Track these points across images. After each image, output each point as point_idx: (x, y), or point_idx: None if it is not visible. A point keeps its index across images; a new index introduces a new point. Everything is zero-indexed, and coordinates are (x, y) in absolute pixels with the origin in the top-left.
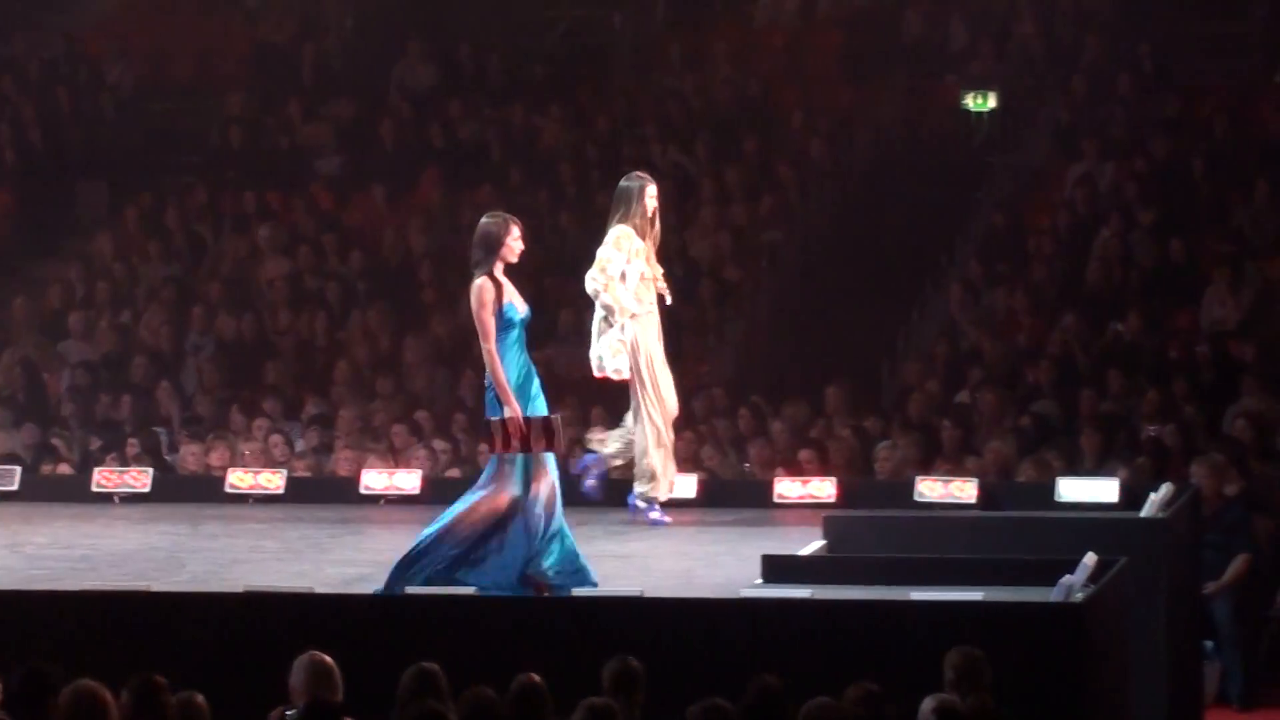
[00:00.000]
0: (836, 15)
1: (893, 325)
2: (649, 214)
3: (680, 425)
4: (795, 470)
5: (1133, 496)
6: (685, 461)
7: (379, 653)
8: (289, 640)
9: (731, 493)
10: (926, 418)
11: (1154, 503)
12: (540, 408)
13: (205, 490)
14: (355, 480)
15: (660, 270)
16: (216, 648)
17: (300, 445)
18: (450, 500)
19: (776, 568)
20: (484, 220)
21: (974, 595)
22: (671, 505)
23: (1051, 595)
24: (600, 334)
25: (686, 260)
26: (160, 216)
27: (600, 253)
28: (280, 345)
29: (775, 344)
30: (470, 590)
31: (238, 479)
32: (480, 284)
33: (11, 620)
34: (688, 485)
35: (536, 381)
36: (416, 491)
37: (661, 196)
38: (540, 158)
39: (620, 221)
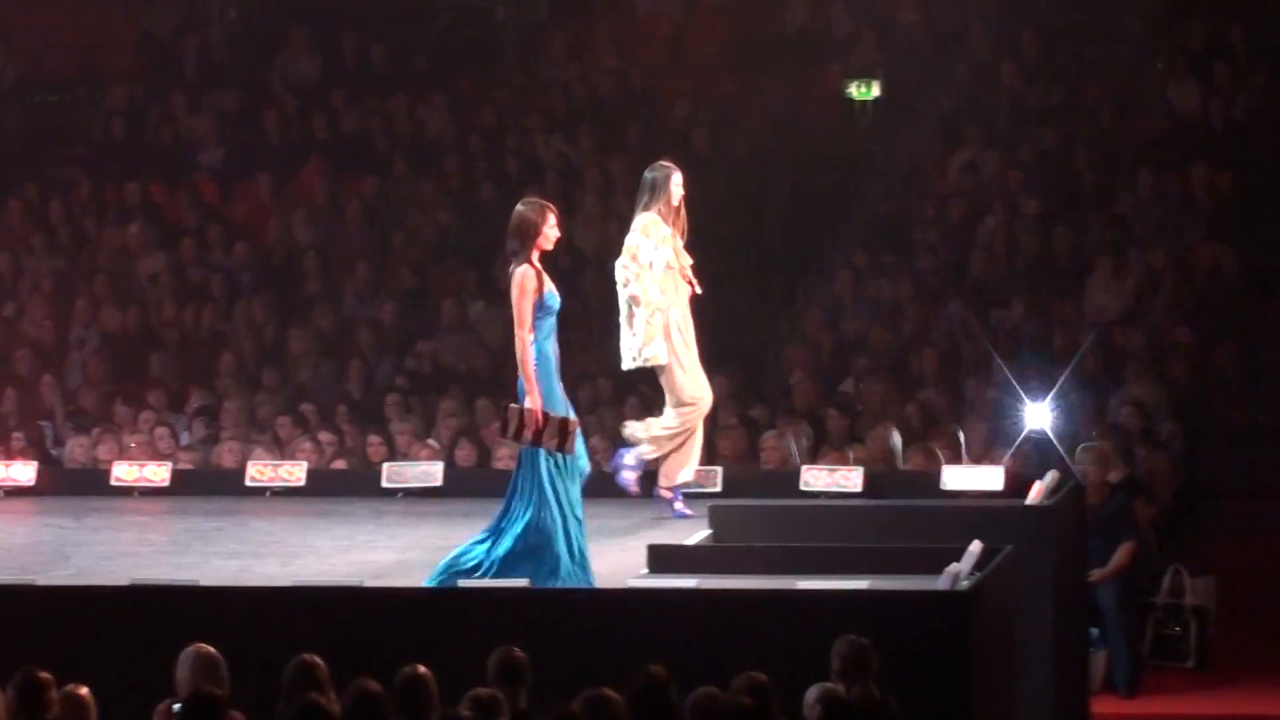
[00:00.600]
0: (720, 4)
1: (778, 314)
2: (675, 203)
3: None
4: None
5: (1018, 485)
6: None
7: (264, 645)
8: (175, 633)
9: (615, 482)
10: (812, 407)
11: (1039, 490)
12: (557, 404)
13: (90, 483)
14: (240, 472)
15: (689, 260)
16: (102, 641)
17: (185, 438)
18: (333, 493)
19: (662, 557)
20: (520, 207)
21: (860, 584)
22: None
23: (937, 584)
24: (629, 324)
25: (572, 251)
26: (44, 209)
27: (629, 240)
28: (165, 338)
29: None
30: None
31: (123, 472)
32: (522, 272)
33: None
34: None
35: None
36: (302, 483)
37: (545, 187)
38: (424, 149)
39: (645, 209)
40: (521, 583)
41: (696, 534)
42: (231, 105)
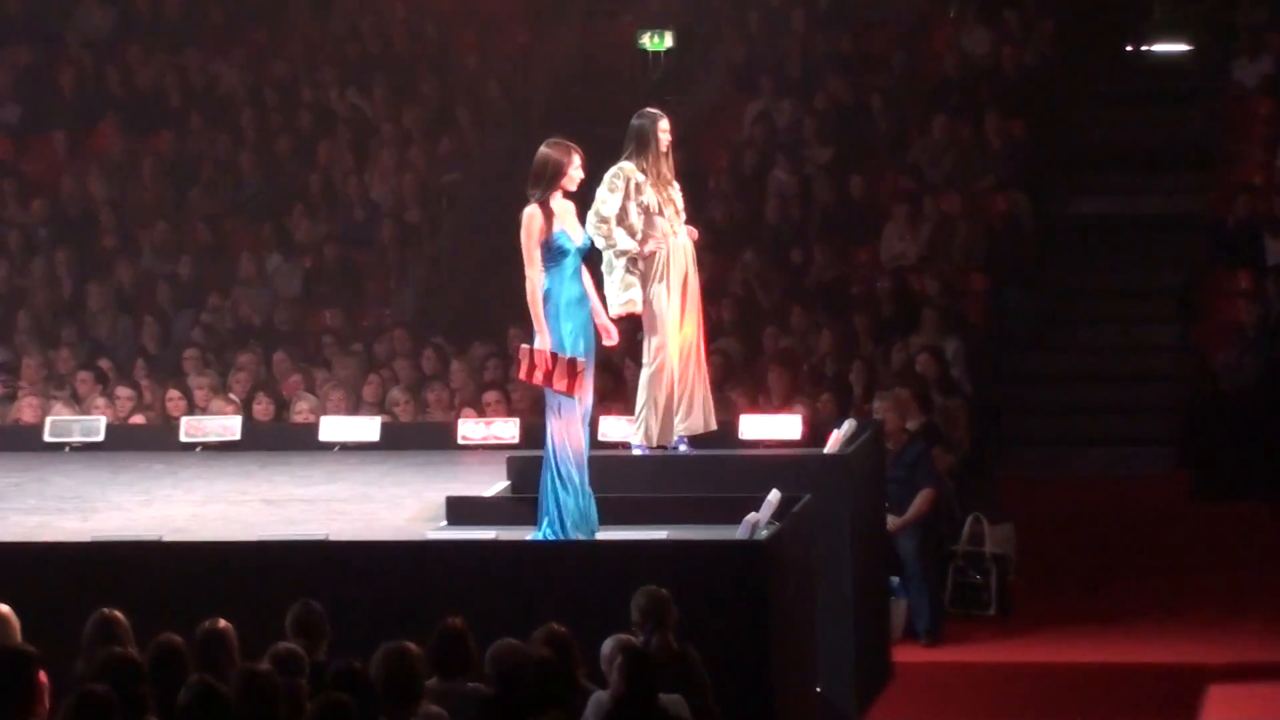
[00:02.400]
0: None
1: None
2: (663, 148)
3: (367, 367)
4: (478, 411)
5: (815, 433)
6: (371, 406)
7: (65, 601)
8: None
9: (414, 435)
10: (607, 357)
11: (837, 439)
12: (578, 346)
13: None
14: (39, 428)
15: (679, 202)
16: None
17: None
18: (132, 447)
19: (460, 509)
20: (544, 148)
21: (659, 534)
22: (358, 448)
23: (736, 533)
24: (609, 274)
25: (367, 203)
26: None
27: (596, 198)
28: None
29: (456, 285)
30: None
31: None
32: (530, 213)
33: None
34: (371, 429)
35: (584, 317)
36: (101, 438)
37: (340, 140)
38: (219, 103)
39: (627, 158)
40: (319, 535)
41: (494, 485)
42: (25, 61)
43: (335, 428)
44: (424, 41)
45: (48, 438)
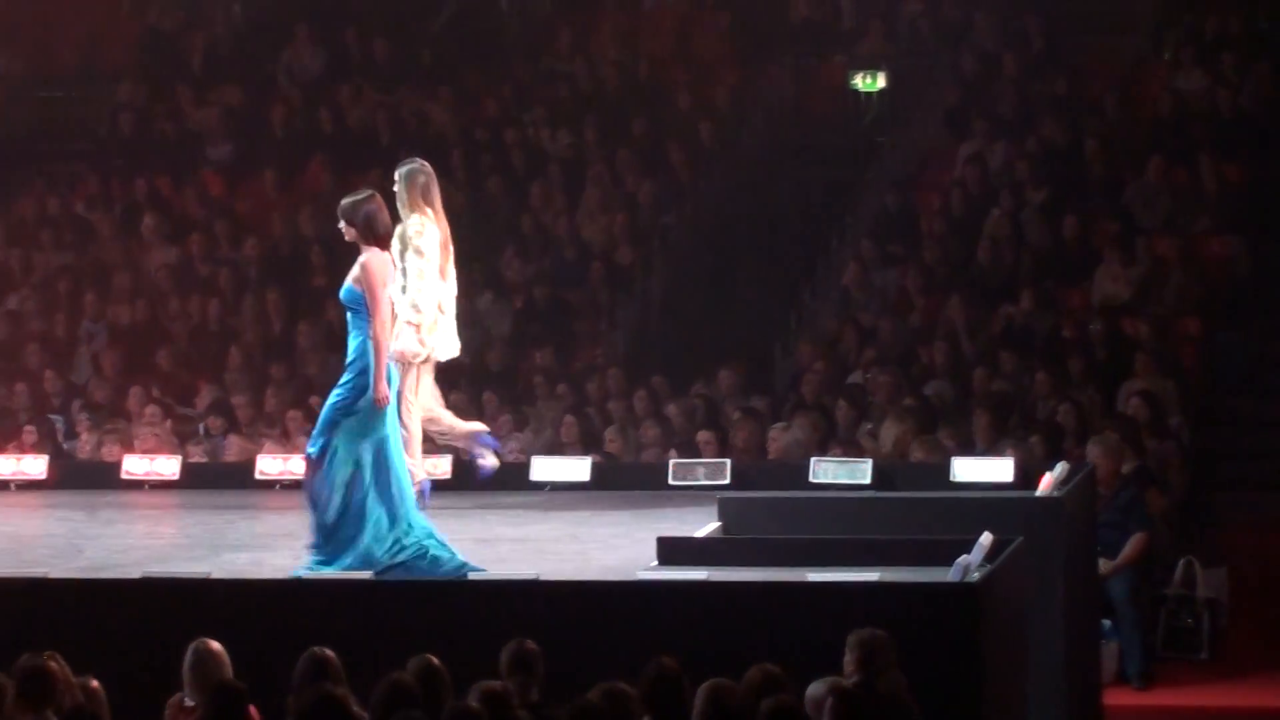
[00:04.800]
0: None
1: (785, 306)
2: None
3: (577, 407)
4: (690, 452)
5: (1027, 476)
6: (581, 446)
7: (275, 638)
8: (186, 626)
9: (625, 475)
10: (820, 398)
11: (1050, 481)
12: None
13: (101, 477)
14: (250, 466)
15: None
16: (114, 634)
17: (198, 431)
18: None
19: (672, 550)
20: (369, 202)
21: (870, 576)
22: (568, 488)
23: (948, 576)
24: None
25: (578, 243)
26: (51, 204)
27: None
28: (173, 332)
29: (668, 326)
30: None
31: (134, 465)
32: (385, 259)
33: None
34: (582, 468)
35: None
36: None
37: (551, 180)
38: (429, 142)
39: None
40: (530, 575)
41: (705, 526)
42: (236, 100)
43: (546, 467)
44: (636, 81)
45: (258, 475)
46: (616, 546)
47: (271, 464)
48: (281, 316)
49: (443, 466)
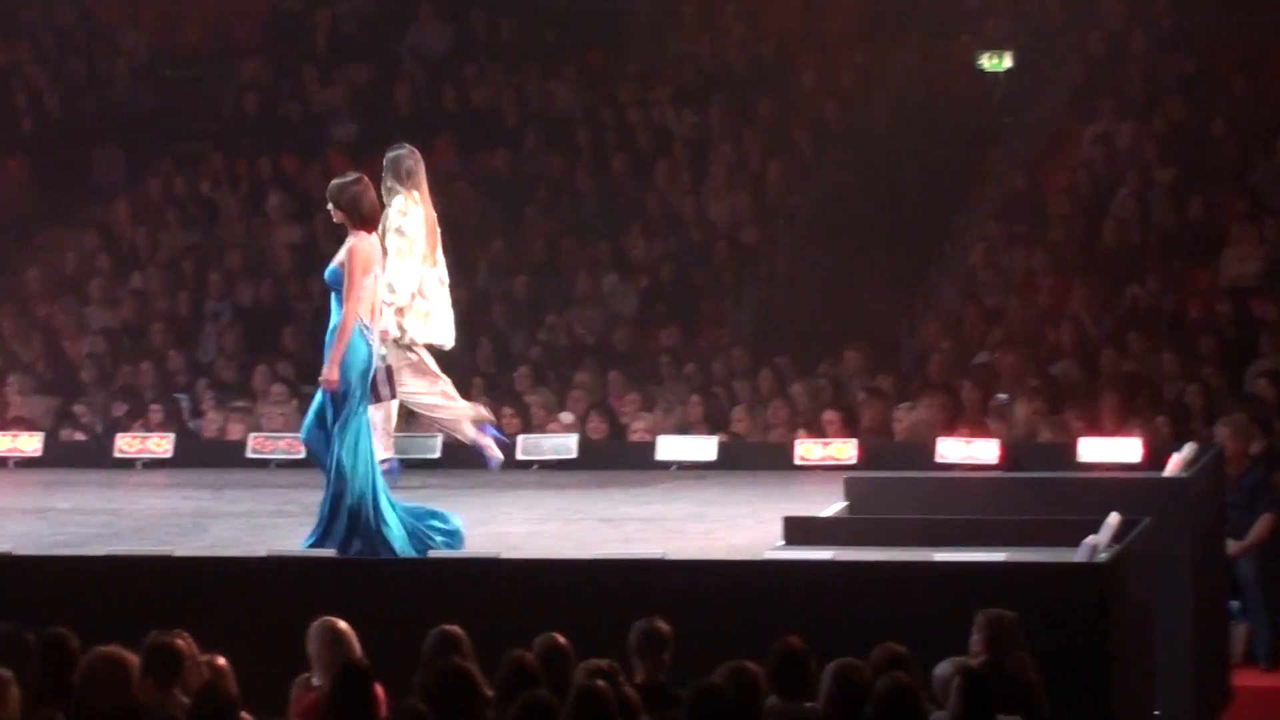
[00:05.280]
0: None
1: (911, 286)
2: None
3: (703, 387)
4: (816, 432)
5: (1155, 457)
6: (707, 425)
7: (403, 617)
8: (313, 604)
9: (752, 455)
10: (946, 378)
11: (1178, 462)
12: None
13: (227, 455)
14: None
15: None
16: (240, 612)
17: None
18: (468, 466)
19: (798, 529)
20: (357, 184)
21: (997, 556)
22: (694, 467)
23: (1075, 556)
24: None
25: (704, 223)
26: (177, 183)
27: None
28: (297, 311)
29: (793, 306)
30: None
31: (259, 444)
32: (373, 242)
33: (35, 585)
34: (708, 448)
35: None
36: (438, 456)
37: (677, 160)
38: (554, 121)
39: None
40: (656, 554)
41: (832, 506)
42: (362, 79)
43: (672, 447)
44: (762, 61)
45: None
46: (743, 526)
47: (402, 443)
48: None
49: (569, 446)
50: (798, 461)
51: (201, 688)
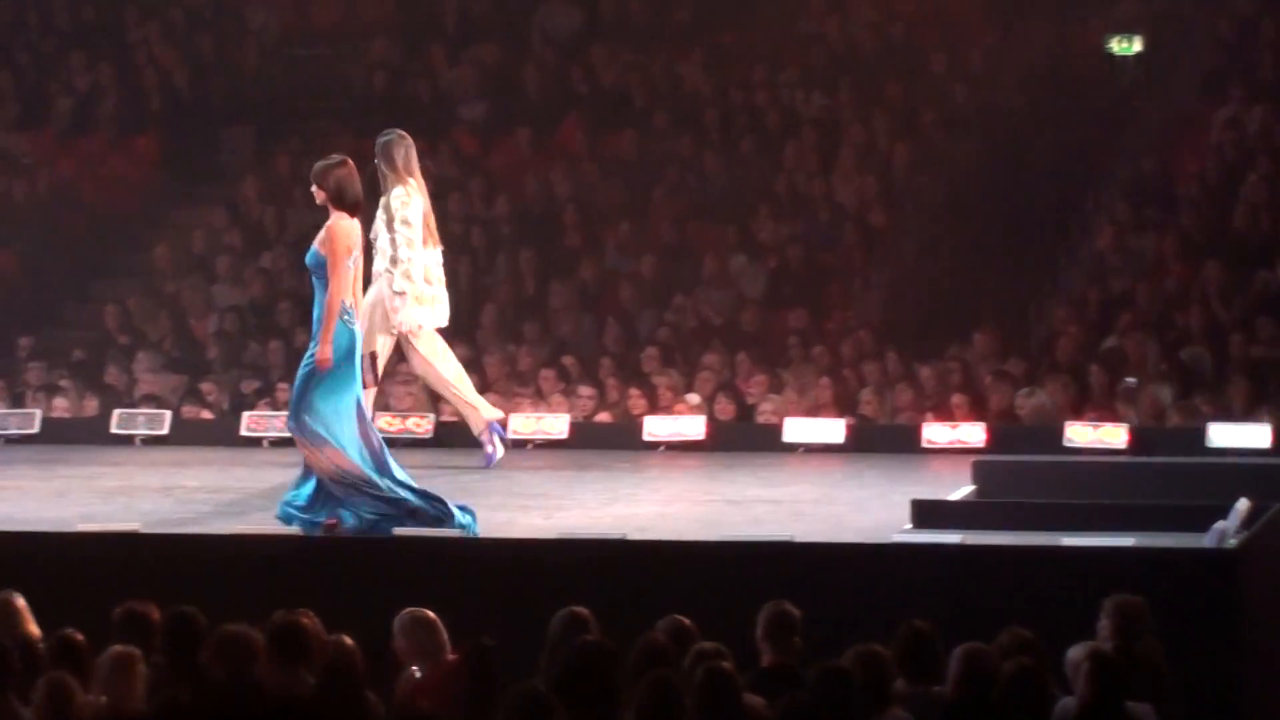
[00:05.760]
0: None
1: (1039, 270)
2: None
3: (831, 369)
4: (944, 415)
5: None
6: (835, 408)
7: (530, 597)
8: (441, 585)
9: (879, 437)
10: (1075, 362)
11: None
12: None
13: None
14: (502, 425)
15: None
16: (367, 592)
17: None
18: (596, 446)
19: (926, 513)
20: (340, 168)
21: (1125, 541)
22: (821, 449)
23: (1204, 541)
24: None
25: (832, 205)
26: (306, 162)
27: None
28: None
29: (921, 289)
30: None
31: (386, 423)
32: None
33: (162, 563)
34: (835, 430)
35: None
36: (564, 436)
37: (805, 142)
38: (682, 103)
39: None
40: (784, 537)
41: (959, 489)
42: (491, 59)
43: (800, 429)
44: (890, 43)
45: (511, 435)
46: (870, 509)
47: (524, 423)
48: (534, 275)
49: (697, 428)
50: (925, 444)
51: (327, 666)
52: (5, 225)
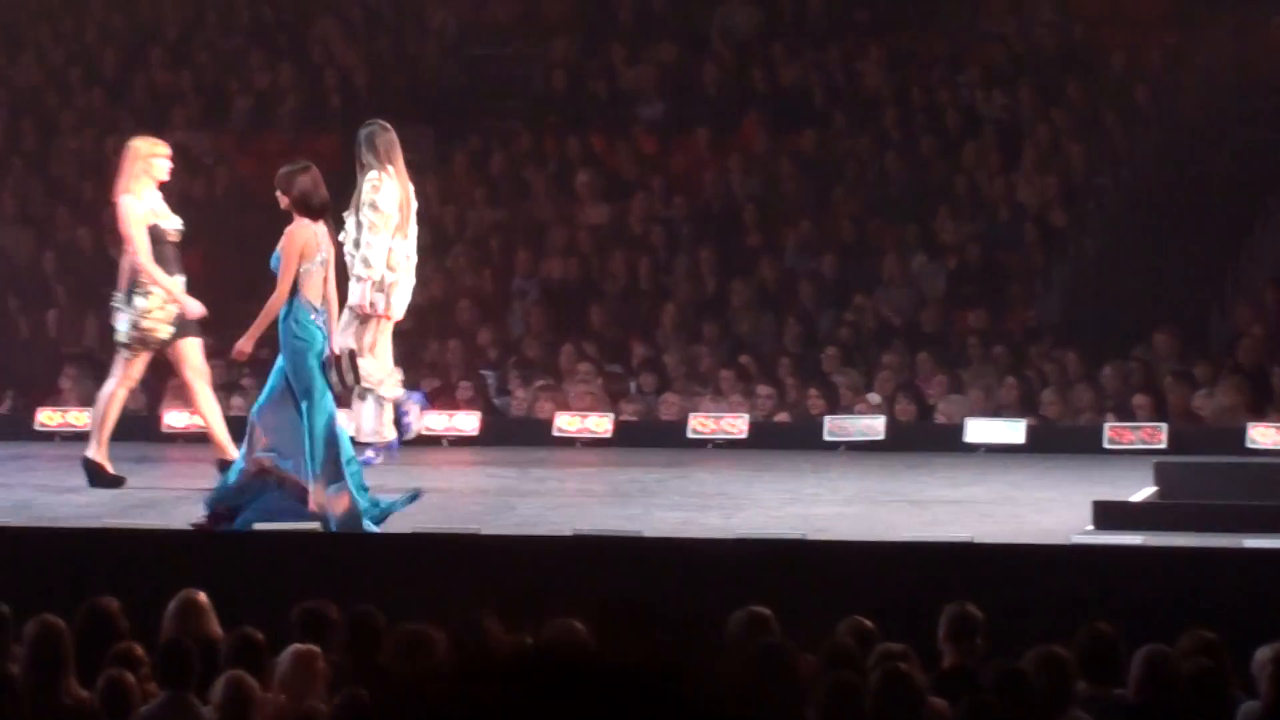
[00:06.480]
0: None
1: (1221, 269)
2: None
3: (1011, 369)
4: (1125, 415)
5: None
6: (1015, 408)
7: (707, 597)
8: (618, 583)
9: (1060, 438)
10: (1257, 363)
11: None
12: None
13: (533, 434)
14: (682, 424)
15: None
16: (546, 591)
17: (632, 388)
18: (775, 445)
19: (1107, 514)
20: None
21: None
22: (1002, 450)
23: None
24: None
25: (1013, 205)
26: (485, 161)
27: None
28: (605, 289)
29: (1102, 289)
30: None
31: (566, 423)
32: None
33: (341, 562)
34: (1016, 431)
35: None
36: (744, 436)
37: (985, 142)
38: (862, 101)
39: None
40: (965, 537)
41: (1141, 490)
42: (670, 57)
43: (980, 429)
44: (1071, 42)
45: (690, 434)
46: (1051, 510)
47: (704, 423)
48: (714, 275)
49: (877, 428)
50: (1107, 445)
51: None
52: (189, 224)
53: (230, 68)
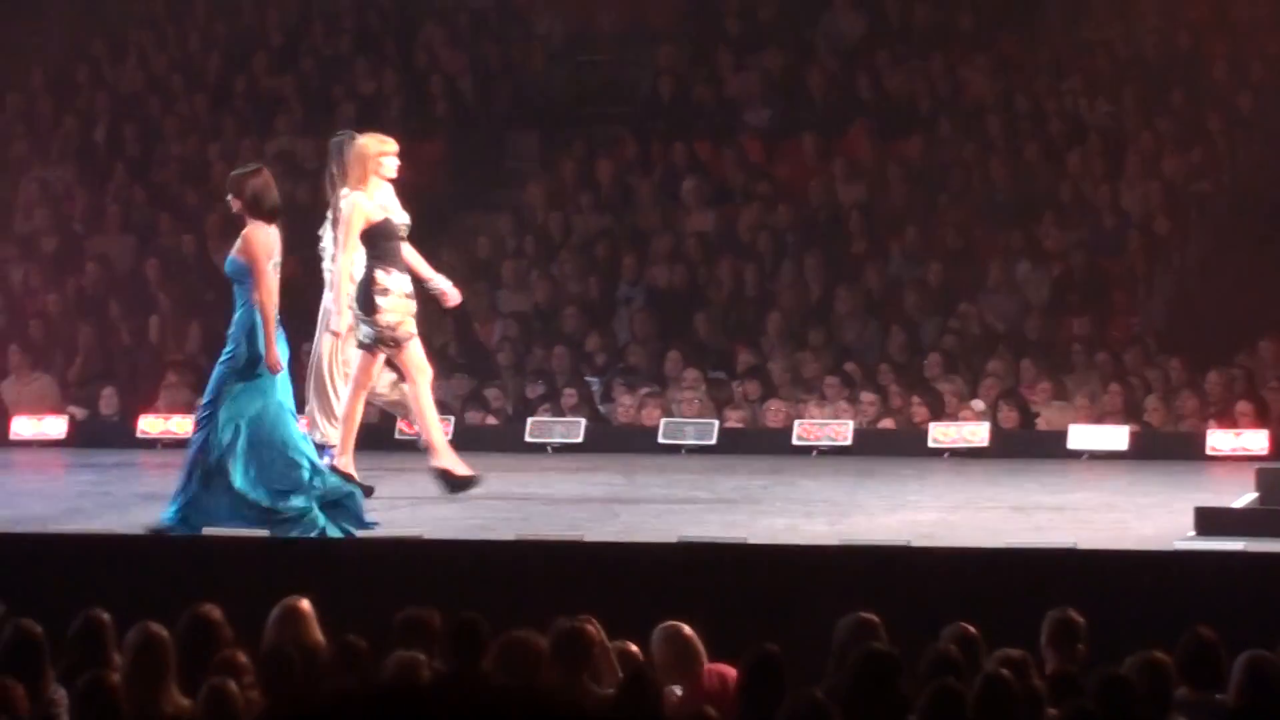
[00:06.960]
0: None
1: None
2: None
3: (1115, 376)
4: (1228, 422)
5: None
6: (1119, 415)
7: (813, 603)
8: (722, 589)
9: (1163, 444)
10: None
11: None
12: None
13: (638, 440)
14: (787, 431)
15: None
16: (650, 598)
17: (737, 395)
18: (879, 452)
19: (1209, 520)
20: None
21: None
22: (1105, 456)
23: None
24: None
25: (1117, 212)
26: (591, 167)
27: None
28: (710, 296)
29: (1205, 296)
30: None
31: (670, 430)
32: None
33: (446, 569)
34: (1119, 437)
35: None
36: (848, 442)
37: (1090, 149)
38: (967, 109)
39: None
40: (1067, 544)
41: (1243, 497)
42: (776, 65)
43: (1084, 436)
44: (1175, 50)
45: (795, 440)
46: (1153, 516)
47: (809, 430)
48: (820, 282)
49: (981, 434)
50: (1209, 451)
51: (631, 675)
52: (289, 229)
53: (334, 74)
